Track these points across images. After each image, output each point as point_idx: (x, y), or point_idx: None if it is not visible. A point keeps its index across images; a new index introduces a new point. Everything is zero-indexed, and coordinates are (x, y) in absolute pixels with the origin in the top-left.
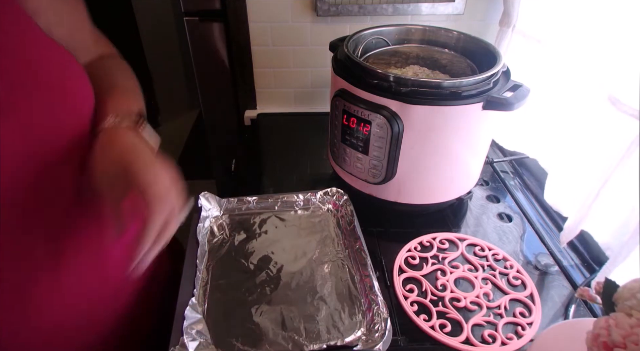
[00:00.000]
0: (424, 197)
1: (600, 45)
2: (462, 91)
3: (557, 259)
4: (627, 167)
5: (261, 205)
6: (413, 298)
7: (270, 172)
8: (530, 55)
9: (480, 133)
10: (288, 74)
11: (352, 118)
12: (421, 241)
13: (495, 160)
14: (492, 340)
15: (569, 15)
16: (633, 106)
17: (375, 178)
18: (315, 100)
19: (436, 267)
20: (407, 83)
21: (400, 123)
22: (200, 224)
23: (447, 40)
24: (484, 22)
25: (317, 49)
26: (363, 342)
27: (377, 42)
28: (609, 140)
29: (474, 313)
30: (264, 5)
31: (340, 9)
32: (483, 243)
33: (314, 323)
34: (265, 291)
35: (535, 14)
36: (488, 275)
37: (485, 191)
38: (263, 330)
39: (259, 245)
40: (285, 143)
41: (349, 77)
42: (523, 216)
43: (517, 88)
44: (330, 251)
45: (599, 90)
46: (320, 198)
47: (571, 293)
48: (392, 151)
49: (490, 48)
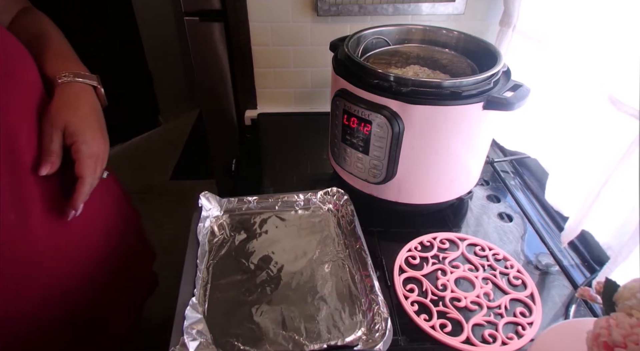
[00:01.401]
0: (425, 197)
1: (600, 45)
2: (462, 91)
3: (557, 259)
4: (628, 166)
5: (261, 204)
6: (413, 298)
7: (271, 171)
8: (530, 55)
9: (480, 133)
10: (288, 73)
11: (352, 118)
12: (421, 241)
13: (495, 159)
14: (493, 340)
15: (569, 15)
16: (633, 106)
17: (376, 178)
18: (316, 100)
19: (436, 267)
20: (408, 83)
21: (401, 123)
22: (201, 224)
23: (448, 40)
24: (485, 22)
25: (317, 48)
26: (363, 342)
27: (377, 42)
28: (610, 140)
29: (474, 313)
30: (264, 5)
31: (340, 9)
32: (483, 243)
33: (315, 323)
34: (266, 291)
35: (536, 14)
36: (488, 275)
37: (486, 191)
38: (263, 330)
39: (259, 244)
40: (286, 143)
41: (349, 77)
42: (523, 216)
43: (517, 88)
44: (331, 251)
45: (599, 90)
46: (321, 198)
47: (572, 293)
48: (393, 151)
49: (491, 48)
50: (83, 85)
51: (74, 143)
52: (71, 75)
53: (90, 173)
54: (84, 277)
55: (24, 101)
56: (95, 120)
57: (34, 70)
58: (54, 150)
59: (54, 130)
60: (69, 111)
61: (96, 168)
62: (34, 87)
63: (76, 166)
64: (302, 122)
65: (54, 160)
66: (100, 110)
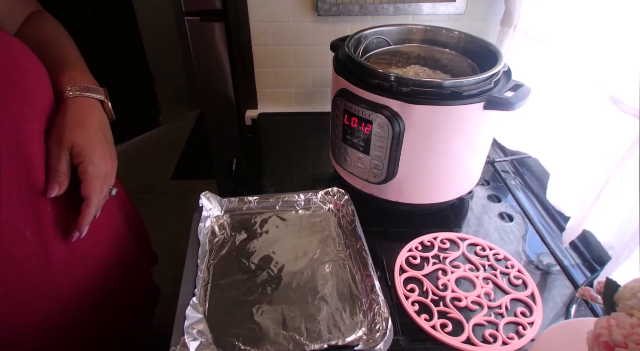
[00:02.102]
0: (425, 197)
1: (601, 45)
2: (463, 91)
3: (558, 259)
4: (629, 166)
5: (262, 204)
6: (414, 298)
7: (271, 171)
8: (531, 54)
9: (481, 133)
10: (289, 73)
11: (353, 118)
12: (422, 241)
13: (496, 159)
14: (493, 340)
15: (570, 14)
16: (634, 106)
17: (376, 178)
18: (316, 100)
19: (437, 267)
20: (408, 83)
21: (402, 123)
22: (201, 224)
23: (448, 40)
24: (485, 22)
25: (318, 48)
26: (364, 342)
27: (378, 42)
28: (611, 140)
29: (475, 312)
30: (264, 5)
31: (341, 8)
32: (484, 243)
33: (315, 323)
34: (266, 291)
35: (537, 14)
36: (489, 275)
37: (487, 191)
38: (264, 330)
39: (259, 244)
40: (286, 143)
41: (350, 76)
42: (524, 216)
43: (518, 88)
44: (331, 251)
45: (600, 90)
46: (321, 198)
47: (572, 293)
48: (393, 151)
49: (491, 48)
50: (90, 100)
51: (81, 164)
52: (78, 89)
53: (97, 195)
54: (93, 288)
55: (36, 115)
56: (103, 138)
57: (46, 82)
58: (61, 170)
59: (62, 150)
60: (76, 130)
61: (103, 189)
62: (46, 100)
63: (82, 187)
64: (303, 122)
65: (61, 180)
66: (107, 125)
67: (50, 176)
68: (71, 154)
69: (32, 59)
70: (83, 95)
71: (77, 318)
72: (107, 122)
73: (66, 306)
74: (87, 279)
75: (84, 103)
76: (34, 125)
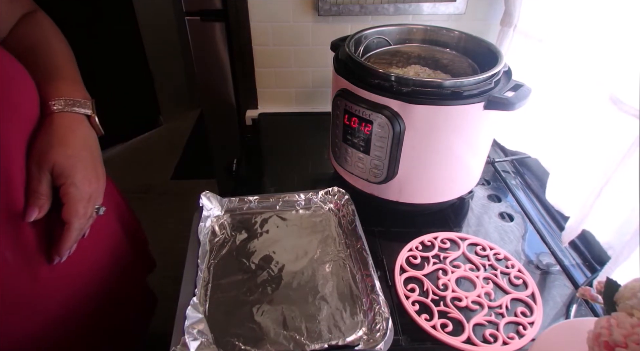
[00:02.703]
0: (426, 197)
1: (601, 45)
2: (463, 91)
3: (558, 259)
4: (629, 166)
5: (262, 204)
6: (414, 298)
7: (272, 171)
8: (531, 54)
9: (481, 133)
10: (289, 73)
11: (353, 117)
12: (422, 241)
13: (496, 159)
14: (494, 340)
15: (570, 14)
16: (634, 106)
17: (377, 177)
18: (317, 100)
19: (437, 267)
20: (409, 83)
21: (402, 122)
22: (202, 224)
23: (449, 40)
24: (485, 22)
25: (318, 48)
26: (364, 342)
27: (378, 42)
28: (611, 140)
29: (475, 312)
30: (265, 5)
31: (341, 8)
32: (484, 243)
33: (316, 323)
34: (267, 291)
35: (537, 14)
36: (489, 275)
37: (487, 191)
38: (264, 330)
39: (260, 244)
40: (287, 143)
41: (350, 76)
42: (524, 215)
43: (518, 88)
44: (332, 250)
45: (601, 90)
46: (322, 197)
47: (572, 293)
48: (394, 151)
49: (492, 48)
50: (75, 115)
51: (63, 186)
52: (64, 103)
53: (79, 219)
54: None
55: (20, 128)
56: (87, 157)
57: (33, 93)
58: (42, 192)
59: (42, 172)
60: (58, 149)
61: (87, 211)
62: (31, 112)
63: (63, 211)
64: (303, 122)
65: (42, 203)
66: (94, 141)
67: (30, 199)
68: (52, 175)
69: (16, 66)
70: (68, 110)
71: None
72: (93, 137)
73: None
74: (81, 288)
75: (68, 119)
76: (17, 138)
